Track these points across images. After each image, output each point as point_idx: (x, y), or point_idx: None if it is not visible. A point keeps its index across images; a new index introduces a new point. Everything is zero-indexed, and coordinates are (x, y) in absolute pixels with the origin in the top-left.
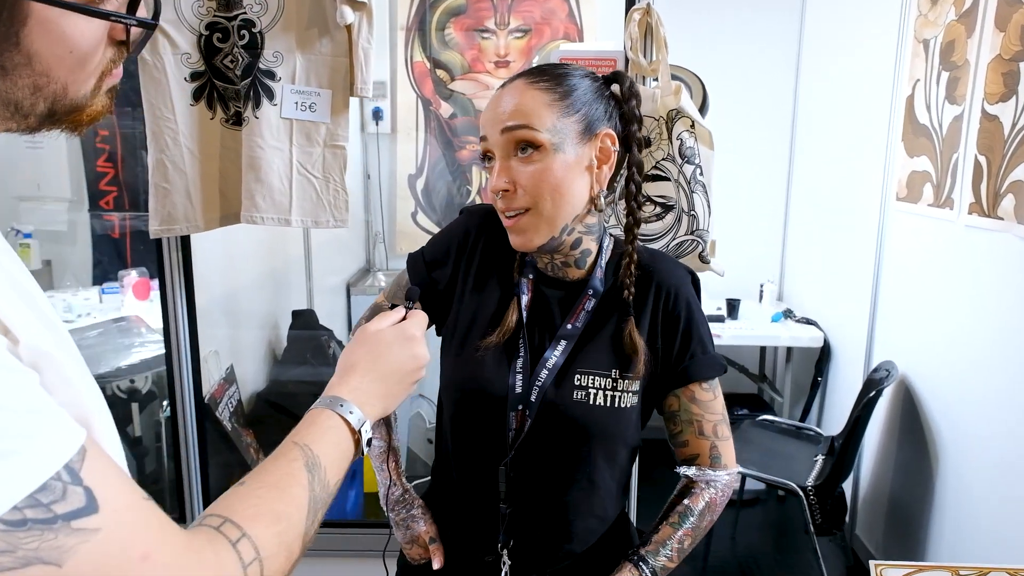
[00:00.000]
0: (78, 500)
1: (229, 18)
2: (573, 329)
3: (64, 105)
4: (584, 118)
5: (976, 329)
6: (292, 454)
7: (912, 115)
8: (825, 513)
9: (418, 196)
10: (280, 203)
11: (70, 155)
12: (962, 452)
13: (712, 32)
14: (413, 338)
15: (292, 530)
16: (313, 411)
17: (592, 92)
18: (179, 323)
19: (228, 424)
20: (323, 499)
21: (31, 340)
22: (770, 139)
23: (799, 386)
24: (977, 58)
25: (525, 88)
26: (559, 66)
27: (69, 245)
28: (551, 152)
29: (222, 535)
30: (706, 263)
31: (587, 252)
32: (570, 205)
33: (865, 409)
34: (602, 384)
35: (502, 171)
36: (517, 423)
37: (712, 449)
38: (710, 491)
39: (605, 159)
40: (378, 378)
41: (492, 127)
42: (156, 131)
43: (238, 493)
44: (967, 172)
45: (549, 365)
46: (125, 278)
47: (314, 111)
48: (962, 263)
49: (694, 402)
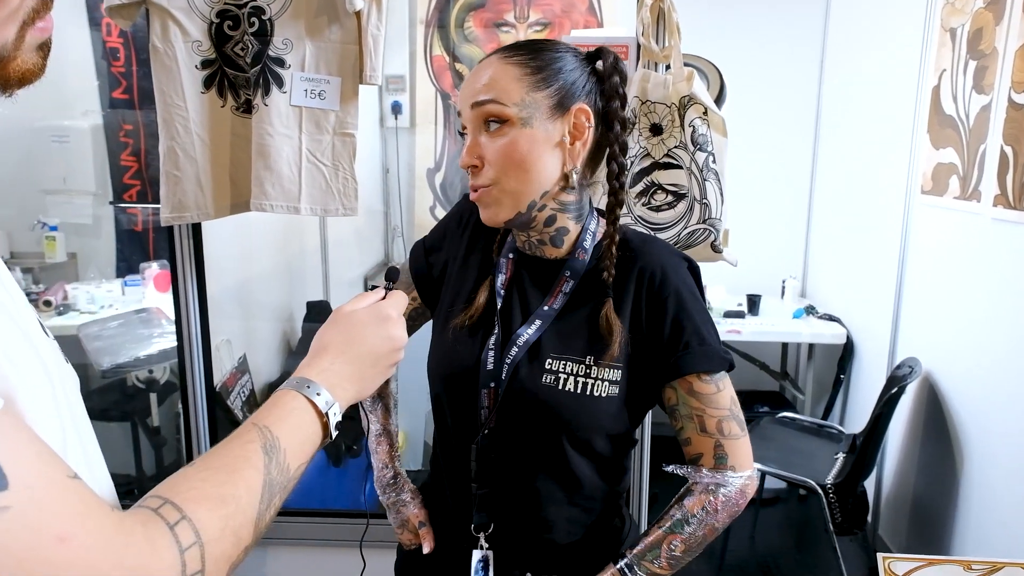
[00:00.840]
0: None
1: (240, 5)
2: (550, 310)
3: None
4: (557, 92)
5: (1002, 325)
6: (249, 435)
7: (938, 106)
8: (846, 512)
9: (436, 190)
10: (289, 191)
11: (95, 149)
12: (987, 450)
13: (736, 23)
14: (388, 318)
15: (241, 514)
16: (278, 392)
17: (569, 67)
18: (190, 311)
19: (240, 413)
20: (281, 483)
21: None
22: (793, 133)
23: (821, 383)
24: (1005, 46)
25: (498, 62)
26: (538, 41)
27: (94, 238)
28: (518, 126)
29: (159, 517)
30: (718, 252)
31: (563, 230)
32: (536, 182)
33: (887, 406)
34: (573, 370)
35: (471, 147)
36: (489, 401)
37: (717, 448)
38: (711, 496)
39: (579, 135)
40: (350, 360)
41: (464, 102)
42: (167, 119)
43: (184, 474)
44: (993, 163)
45: (520, 342)
46: (146, 270)
47: (323, 99)
48: (988, 257)
49: (693, 395)
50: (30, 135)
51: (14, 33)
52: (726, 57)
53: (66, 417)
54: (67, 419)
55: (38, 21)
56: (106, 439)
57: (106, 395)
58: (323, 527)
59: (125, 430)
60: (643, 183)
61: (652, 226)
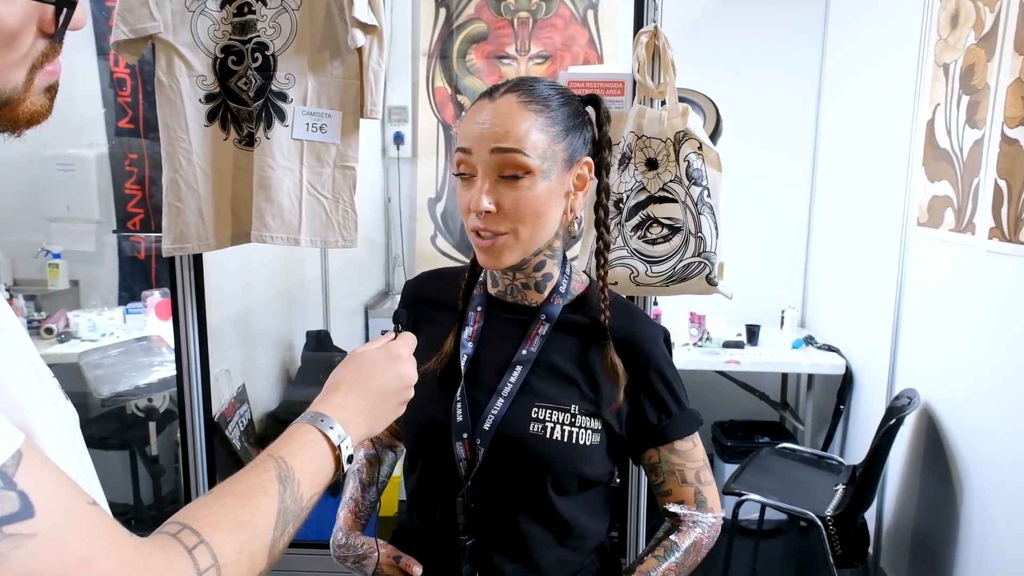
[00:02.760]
0: (11, 504)
1: (244, 41)
2: (528, 355)
3: None
4: (569, 146)
5: (999, 356)
6: (264, 465)
7: (932, 139)
8: (846, 544)
9: (437, 220)
10: (290, 223)
11: (100, 177)
12: (988, 482)
13: (733, 55)
14: (399, 357)
15: (256, 540)
16: (293, 425)
17: (575, 118)
18: (190, 341)
19: (238, 443)
20: (295, 512)
21: None
22: (791, 164)
23: (821, 414)
24: (997, 82)
25: (519, 108)
26: (545, 85)
27: (97, 265)
28: (538, 178)
29: (177, 541)
30: (713, 285)
31: (548, 276)
32: (546, 231)
33: (886, 438)
34: (559, 419)
35: (488, 192)
36: (467, 454)
37: (697, 494)
38: (697, 530)
39: (581, 186)
40: (362, 396)
41: (480, 143)
42: (171, 151)
43: (202, 502)
44: (987, 196)
45: (504, 393)
46: (148, 298)
47: (324, 132)
48: (984, 289)
49: (674, 453)
50: (36, 163)
51: (23, 77)
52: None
53: (74, 449)
54: (74, 451)
55: (46, 65)
56: (104, 468)
57: (105, 423)
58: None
59: (124, 459)
60: (639, 216)
61: (648, 259)
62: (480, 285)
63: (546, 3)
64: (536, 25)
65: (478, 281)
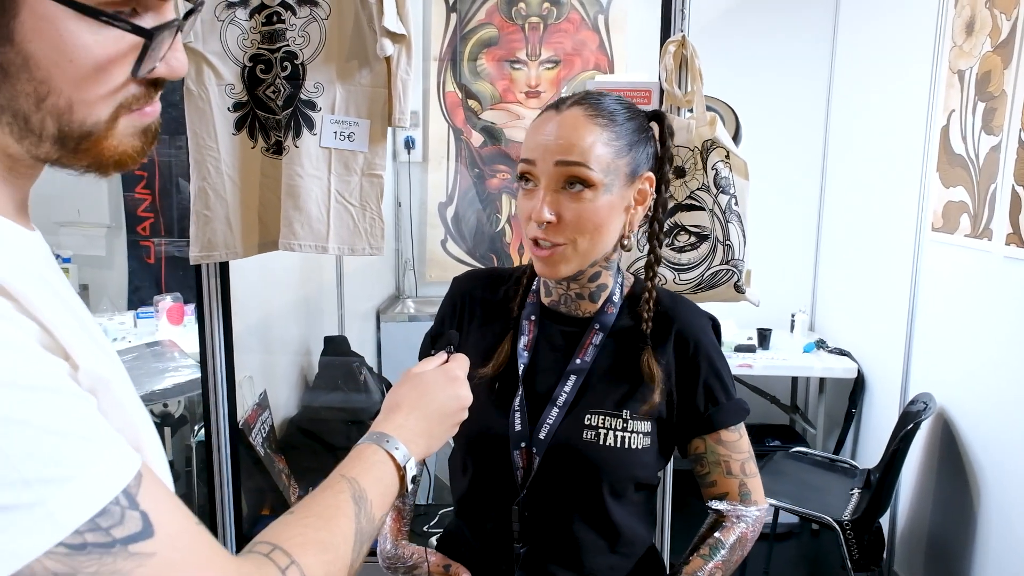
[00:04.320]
0: (135, 525)
1: (272, 50)
2: (582, 364)
3: (73, 129)
4: (632, 161)
5: (1016, 362)
6: (339, 486)
7: (947, 145)
8: (862, 548)
9: (448, 224)
10: (318, 231)
11: (110, 182)
12: (1005, 488)
13: (742, 61)
14: (456, 379)
15: (339, 561)
16: (360, 446)
17: (639, 133)
18: (215, 348)
19: (261, 450)
20: (369, 532)
21: (89, 365)
22: (801, 168)
23: (832, 418)
24: (1014, 89)
25: (585, 122)
26: (612, 99)
27: (107, 270)
28: (601, 192)
29: (271, 561)
30: (741, 292)
31: (603, 287)
32: (604, 243)
33: (903, 442)
34: (612, 424)
35: (549, 203)
36: (523, 462)
37: (741, 487)
38: (741, 525)
39: (642, 201)
40: (422, 417)
41: (545, 155)
42: (199, 159)
43: (286, 522)
44: (1005, 202)
45: (559, 403)
46: (160, 303)
47: (352, 140)
48: (1001, 294)
49: (720, 444)
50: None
51: (107, 114)
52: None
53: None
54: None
55: (136, 107)
56: None
57: None
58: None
59: None
60: (667, 224)
61: (676, 266)
62: (533, 294)
63: (556, 8)
64: (547, 30)
65: (532, 290)
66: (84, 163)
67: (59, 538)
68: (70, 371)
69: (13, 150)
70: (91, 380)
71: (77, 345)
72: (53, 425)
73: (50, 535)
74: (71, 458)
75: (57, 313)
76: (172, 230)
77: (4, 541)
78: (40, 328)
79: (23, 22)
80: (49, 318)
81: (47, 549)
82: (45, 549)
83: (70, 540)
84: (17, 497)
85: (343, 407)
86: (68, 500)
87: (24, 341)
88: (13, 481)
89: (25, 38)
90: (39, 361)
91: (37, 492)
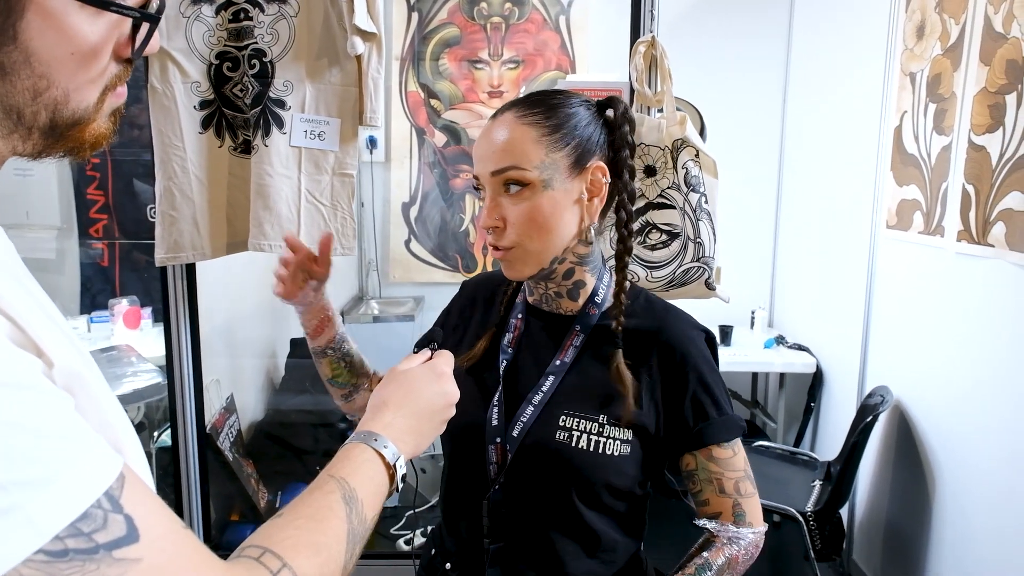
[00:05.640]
0: (119, 529)
1: (240, 48)
2: (561, 365)
3: (65, 117)
4: (575, 151)
5: (969, 355)
6: (328, 487)
7: (900, 145)
8: (824, 539)
9: (412, 224)
10: (288, 231)
11: (60, 183)
12: (959, 478)
13: (698, 61)
14: (443, 375)
15: (332, 562)
16: (347, 446)
17: (584, 122)
18: (183, 352)
19: (229, 454)
20: (361, 533)
21: (63, 362)
22: (758, 168)
23: (792, 412)
24: (963, 91)
25: (515, 123)
26: (553, 95)
27: (57, 274)
28: (540, 189)
29: (262, 565)
30: (712, 289)
31: (580, 283)
32: (558, 239)
33: (862, 434)
34: (586, 427)
35: (491, 209)
36: (498, 457)
37: (735, 507)
38: (732, 547)
39: (596, 191)
40: (409, 414)
41: (482, 164)
42: (164, 159)
43: (276, 524)
44: (956, 200)
45: (535, 401)
46: (115, 307)
47: (323, 139)
48: (954, 289)
49: (712, 461)
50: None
51: (95, 97)
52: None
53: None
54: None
55: (119, 84)
56: None
57: None
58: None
59: None
60: (638, 222)
61: (648, 264)
62: (522, 293)
63: (518, 8)
64: (509, 30)
65: (520, 289)
66: (63, 149)
67: (38, 545)
68: (44, 368)
69: None
70: (66, 377)
71: (50, 341)
72: (29, 424)
73: (29, 542)
74: (49, 459)
75: (28, 309)
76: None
77: None
78: (11, 324)
79: (29, 21)
80: (20, 313)
81: (26, 557)
82: (23, 557)
83: (50, 547)
84: None
85: (312, 410)
86: (47, 504)
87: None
88: None
89: (30, 36)
90: (11, 357)
91: (13, 496)
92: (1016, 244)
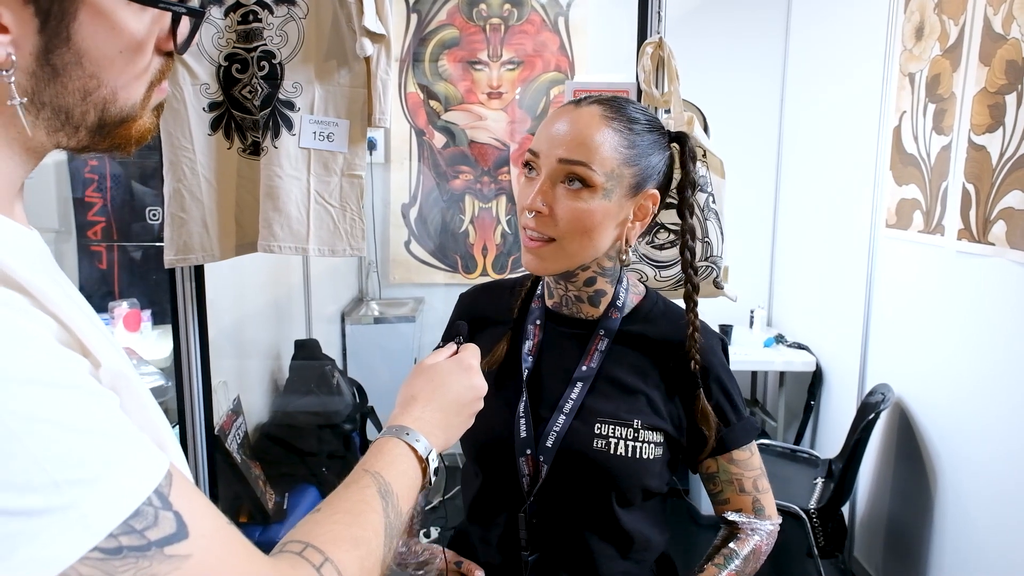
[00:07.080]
0: (169, 526)
1: (248, 49)
2: (588, 370)
3: (113, 115)
4: (640, 173)
5: (971, 353)
6: (364, 481)
7: (900, 145)
8: (827, 536)
9: (411, 225)
10: (298, 232)
11: (58, 185)
12: (960, 475)
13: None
14: (470, 368)
15: (372, 556)
16: (380, 440)
17: (654, 148)
18: (191, 354)
19: (237, 456)
20: (397, 526)
21: (109, 362)
22: (757, 167)
23: (792, 410)
24: (963, 91)
25: (602, 121)
26: (633, 107)
27: None
28: (599, 196)
29: (305, 560)
30: (720, 288)
31: (601, 292)
32: (594, 249)
33: (865, 432)
34: (623, 434)
35: (543, 193)
36: (530, 469)
37: (755, 502)
38: (755, 537)
39: (641, 217)
40: (438, 408)
41: (551, 149)
42: (174, 160)
43: (315, 519)
44: (956, 199)
45: (566, 410)
46: (116, 309)
47: (332, 141)
48: (954, 288)
49: (732, 463)
50: None
51: (142, 93)
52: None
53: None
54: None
55: (163, 81)
56: None
57: None
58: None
59: None
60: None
61: (656, 263)
62: (538, 299)
63: (517, 9)
64: (508, 31)
65: (536, 294)
66: (107, 146)
67: (94, 542)
68: (91, 368)
69: (36, 143)
70: (112, 377)
71: (96, 341)
72: (80, 423)
73: (85, 540)
74: (100, 458)
75: (71, 310)
76: (126, 234)
77: (36, 548)
78: (58, 324)
79: (82, 22)
80: (67, 313)
81: (82, 555)
82: (80, 555)
83: (105, 544)
84: (47, 500)
85: (317, 411)
86: (100, 502)
87: (43, 337)
88: (42, 483)
89: (82, 36)
90: (60, 357)
91: (68, 495)
92: (1017, 242)
